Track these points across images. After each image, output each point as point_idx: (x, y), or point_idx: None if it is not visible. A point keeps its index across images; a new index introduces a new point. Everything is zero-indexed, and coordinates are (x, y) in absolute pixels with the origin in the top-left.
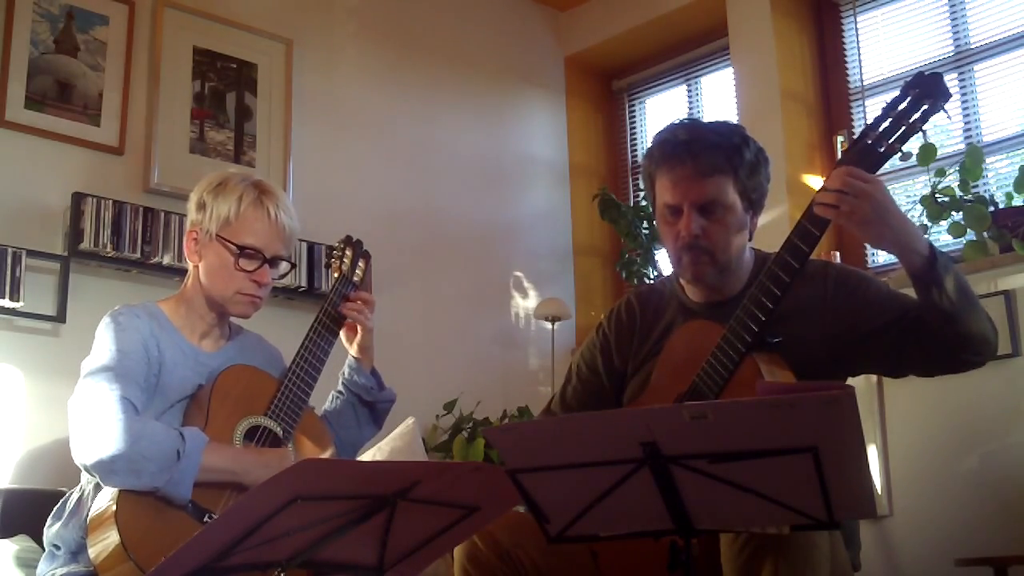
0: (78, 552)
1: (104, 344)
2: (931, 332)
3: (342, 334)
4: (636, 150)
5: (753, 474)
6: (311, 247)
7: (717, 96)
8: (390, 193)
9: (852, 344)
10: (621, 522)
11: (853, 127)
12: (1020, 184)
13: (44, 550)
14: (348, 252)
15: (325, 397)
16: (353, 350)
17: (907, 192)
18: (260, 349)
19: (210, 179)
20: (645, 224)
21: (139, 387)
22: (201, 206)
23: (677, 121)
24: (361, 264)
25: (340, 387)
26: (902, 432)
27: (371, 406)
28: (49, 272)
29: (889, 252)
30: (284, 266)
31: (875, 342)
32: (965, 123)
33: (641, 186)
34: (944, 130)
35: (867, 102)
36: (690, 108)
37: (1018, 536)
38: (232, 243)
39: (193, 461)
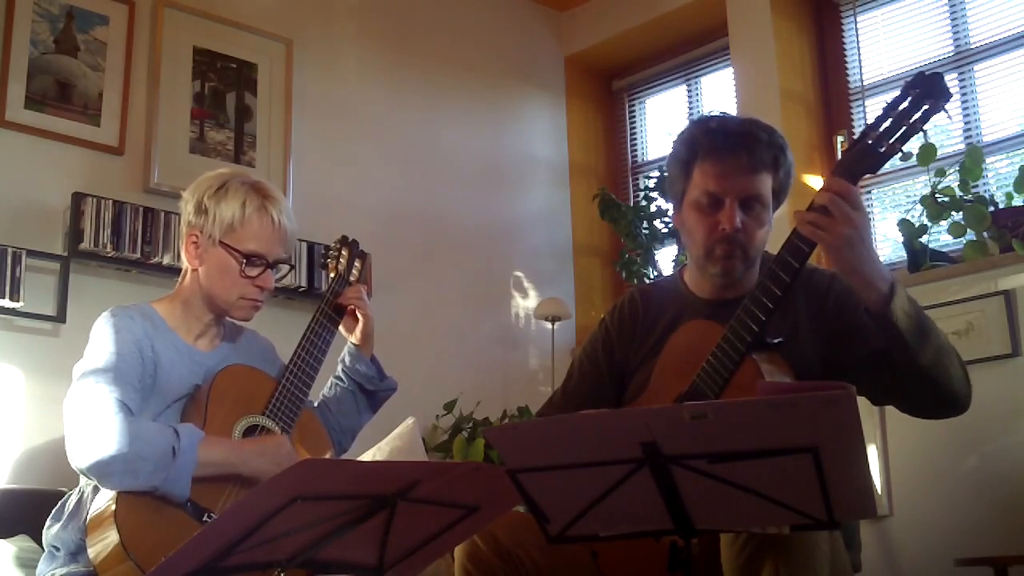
0: (77, 553)
1: (98, 346)
2: (897, 370)
3: (342, 325)
4: (636, 150)
5: (753, 474)
6: (311, 247)
7: (717, 96)
8: (390, 193)
9: (845, 365)
10: (621, 522)
11: (853, 127)
12: (1020, 184)
13: (44, 550)
14: (344, 252)
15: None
16: (354, 338)
17: (907, 192)
18: (255, 346)
19: (209, 181)
20: (645, 224)
21: (133, 388)
22: (202, 210)
23: (720, 113)
24: (357, 264)
25: (340, 374)
26: (902, 432)
27: (371, 394)
28: (49, 272)
29: (850, 281)
30: (284, 267)
31: (864, 367)
32: (965, 123)
33: (641, 186)
34: (944, 130)
35: (867, 102)
36: (690, 108)
37: (1018, 536)
38: (237, 250)
39: (189, 457)
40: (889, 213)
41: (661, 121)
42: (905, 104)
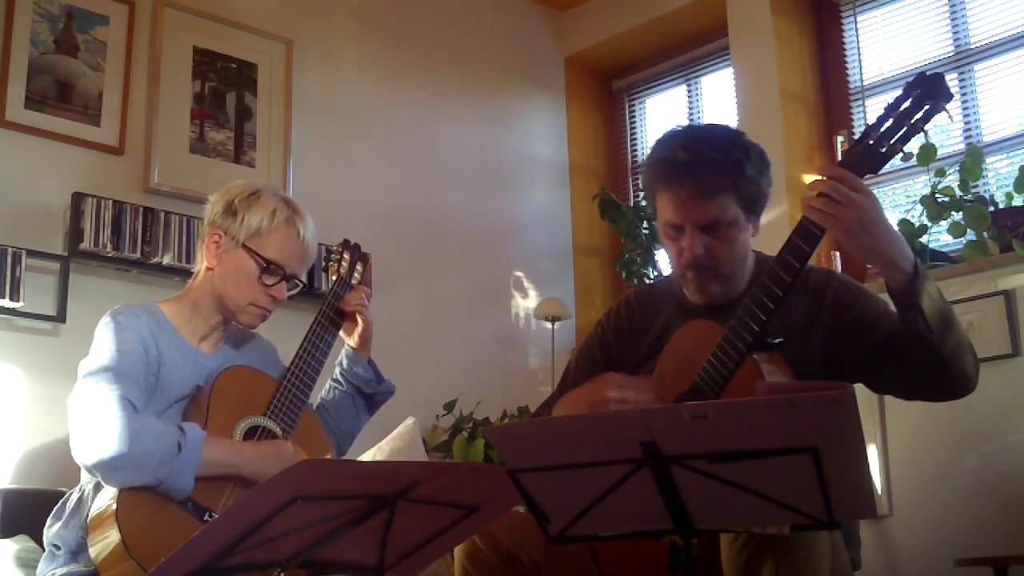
0: (78, 552)
1: (103, 344)
2: (909, 356)
3: (342, 330)
4: (636, 150)
5: (753, 474)
6: None
7: (717, 96)
8: (390, 193)
9: (844, 360)
10: (621, 522)
11: (853, 127)
12: (1020, 184)
13: (44, 550)
14: (346, 255)
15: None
16: (353, 341)
17: (907, 192)
18: (257, 349)
19: (241, 187)
20: (645, 224)
21: (138, 387)
22: (231, 212)
23: (676, 132)
24: (359, 267)
25: (338, 377)
26: (902, 432)
27: (369, 397)
28: (49, 272)
29: (871, 265)
30: (296, 286)
31: (863, 360)
32: (965, 123)
33: (641, 186)
34: (944, 130)
35: (867, 102)
36: (690, 108)
37: (1018, 536)
38: (260, 255)
39: (194, 452)
40: (889, 213)
41: (661, 121)
42: (906, 104)
